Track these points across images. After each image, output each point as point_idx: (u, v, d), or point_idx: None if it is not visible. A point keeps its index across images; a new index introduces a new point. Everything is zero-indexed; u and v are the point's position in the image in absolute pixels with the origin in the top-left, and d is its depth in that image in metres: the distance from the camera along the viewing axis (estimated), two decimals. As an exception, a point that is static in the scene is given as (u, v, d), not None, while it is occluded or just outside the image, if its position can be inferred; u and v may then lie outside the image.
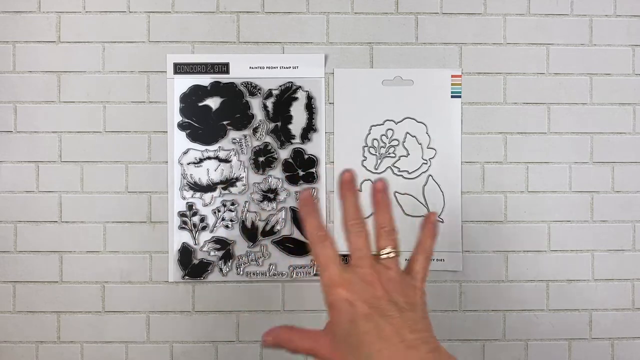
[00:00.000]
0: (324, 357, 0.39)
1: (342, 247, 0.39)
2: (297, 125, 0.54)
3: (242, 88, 0.54)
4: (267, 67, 0.54)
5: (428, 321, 0.39)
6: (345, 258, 0.39)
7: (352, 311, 0.37)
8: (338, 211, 0.55)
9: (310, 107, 0.54)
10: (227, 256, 0.54)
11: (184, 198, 0.54)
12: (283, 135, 0.54)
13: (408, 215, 0.55)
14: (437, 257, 0.55)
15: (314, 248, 0.40)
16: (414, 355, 0.36)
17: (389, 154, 0.55)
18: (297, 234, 0.54)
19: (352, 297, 0.38)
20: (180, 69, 0.54)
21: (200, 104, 0.54)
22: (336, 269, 0.39)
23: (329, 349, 0.39)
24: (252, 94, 0.54)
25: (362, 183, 0.55)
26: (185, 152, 0.54)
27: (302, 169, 0.54)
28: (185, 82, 0.54)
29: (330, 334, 0.38)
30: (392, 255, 0.40)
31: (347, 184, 0.41)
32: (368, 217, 0.41)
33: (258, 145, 0.54)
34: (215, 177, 0.54)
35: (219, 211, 0.54)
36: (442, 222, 0.55)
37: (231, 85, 0.54)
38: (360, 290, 0.38)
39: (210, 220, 0.54)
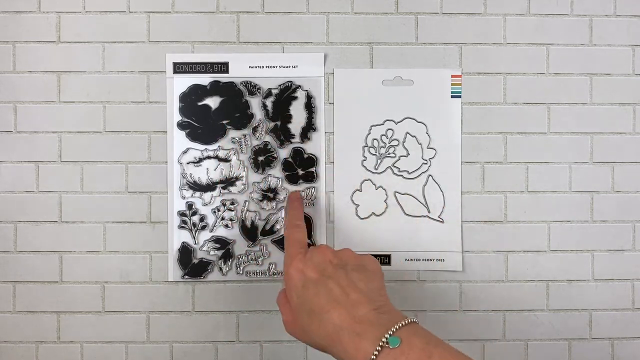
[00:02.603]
0: (288, 324, 0.44)
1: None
2: (296, 124, 0.54)
3: (241, 87, 0.54)
4: (266, 67, 0.54)
5: (379, 284, 0.42)
6: None
7: (304, 278, 0.42)
8: (334, 213, 0.55)
9: (309, 107, 0.54)
10: (227, 255, 0.54)
11: (183, 197, 0.54)
12: (283, 134, 0.54)
13: (408, 215, 0.55)
14: (437, 257, 0.55)
15: (285, 231, 0.48)
16: (358, 313, 0.38)
17: (389, 154, 0.55)
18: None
19: (304, 266, 0.42)
20: (180, 68, 0.54)
21: (200, 104, 0.54)
22: (297, 247, 0.45)
23: (290, 316, 0.43)
24: (251, 94, 0.54)
25: (362, 183, 0.55)
26: (184, 152, 0.54)
27: (302, 168, 0.54)
28: (185, 81, 0.54)
29: (291, 306, 0.43)
30: None
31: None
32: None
33: (257, 145, 0.54)
34: (215, 176, 0.54)
35: (218, 210, 0.54)
36: (442, 222, 0.55)
37: (231, 85, 0.54)
38: (312, 258, 0.43)
39: (210, 219, 0.54)
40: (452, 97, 0.55)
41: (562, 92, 0.55)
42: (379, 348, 0.35)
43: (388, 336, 0.36)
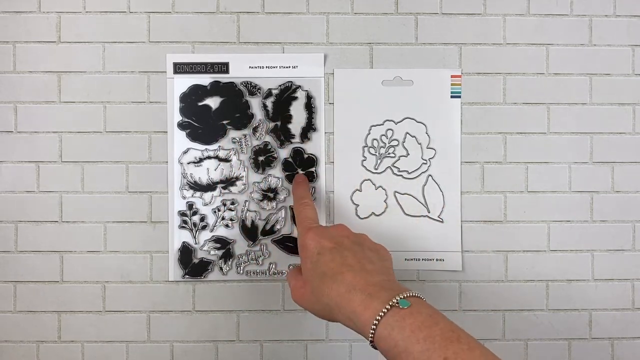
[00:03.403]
0: (297, 293, 0.45)
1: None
2: (296, 124, 0.54)
3: (241, 87, 0.54)
4: (266, 67, 0.54)
5: (390, 268, 0.44)
6: None
7: (320, 245, 0.43)
8: (334, 213, 0.55)
9: (309, 107, 0.54)
10: (227, 255, 0.54)
11: (184, 197, 0.54)
12: (283, 134, 0.54)
13: (408, 215, 0.55)
14: (437, 257, 0.55)
15: (296, 208, 0.49)
16: (372, 280, 0.40)
17: (389, 154, 0.55)
18: (297, 233, 0.54)
19: (321, 237, 0.44)
20: (180, 68, 0.54)
21: (200, 104, 0.54)
22: (312, 222, 0.46)
23: (301, 284, 0.44)
24: (251, 94, 0.54)
25: (362, 183, 0.55)
26: (185, 152, 0.54)
27: (302, 168, 0.54)
28: (185, 81, 0.54)
29: (302, 274, 0.44)
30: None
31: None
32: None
33: (258, 145, 0.54)
34: (215, 176, 0.54)
35: (219, 210, 0.54)
36: (442, 222, 0.55)
37: (231, 85, 0.54)
38: (329, 232, 0.44)
39: (210, 219, 0.54)
40: (451, 97, 0.55)
41: (562, 92, 0.55)
42: (388, 307, 0.36)
43: (399, 298, 0.37)
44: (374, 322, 0.36)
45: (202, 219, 0.54)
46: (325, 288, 0.41)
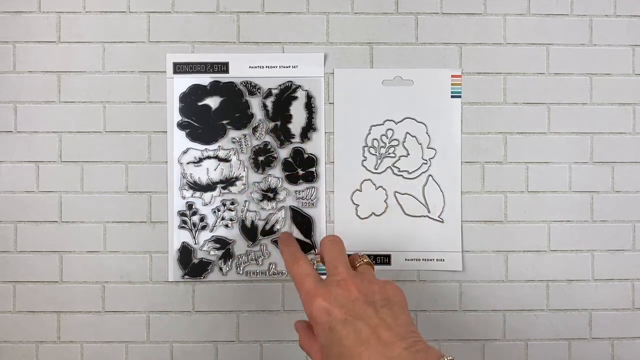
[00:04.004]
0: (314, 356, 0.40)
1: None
2: (296, 124, 0.54)
3: (241, 87, 0.54)
4: (266, 67, 0.54)
5: (408, 317, 0.39)
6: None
7: (330, 319, 0.38)
8: (334, 213, 0.55)
9: (309, 107, 0.54)
10: (227, 255, 0.54)
11: (183, 197, 0.54)
12: (283, 134, 0.54)
13: (408, 215, 0.55)
14: (437, 257, 0.55)
15: (289, 269, 0.43)
16: (391, 354, 0.35)
17: (389, 154, 0.55)
18: (296, 233, 0.54)
19: (329, 305, 0.38)
20: (180, 68, 0.54)
21: (200, 104, 0.54)
22: (312, 281, 0.40)
23: (319, 355, 0.40)
24: (251, 93, 0.54)
25: (362, 183, 0.55)
26: (184, 152, 0.54)
27: (302, 168, 0.54)
28: (185, 81, 0.54)
29: (319, 343, 0.39)
30: (364, 261, 0.43)
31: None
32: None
33: (258, 145, 0.54)
34: (215, 176, 0.54)
35: (218, 210, 0.54)
36: (442, 222, 0.55)
37: (231, 85, 0.54)
38: (337, 296, 0.39)
39: (210, 219, 0.54)
40: (452, 97, 0.55)
41: (562, 92, 0.55)
42: None
43: None
44: None
45: (202, 219, 0.54)
46: None
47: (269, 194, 0.54)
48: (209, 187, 0.54)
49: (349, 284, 0.40)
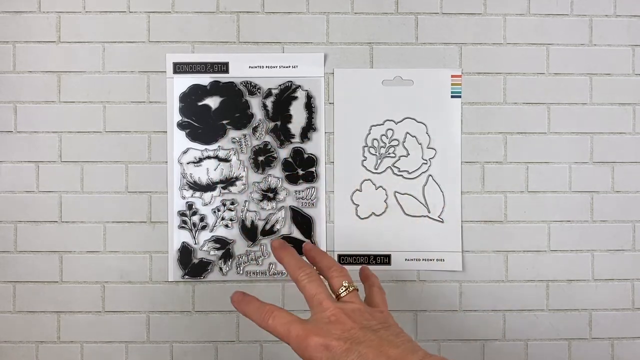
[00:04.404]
0: None
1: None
2: (296, 124, 0.54)
3: (241, 87, 0.54)
4: (266, 67, 0.54)
5: (407, 335, 0.38)
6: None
7: (331, 354, 0.36)
8: (334, 213, 0.55)
9: (309, 107, 0.54)
10: (227, 255, 0.54)
11: (183, 197, 0.54)
12: (283, 134, 0.54)
13: (408, 215, 0.55)
14: (437, 257, 0.55)
15: (265, 327, 0.40)
16: None
17: (389, 154, 0.55)
18: (296, 233, 0.54)
19: (325, 340, 0.36)
20: (180, 68, 0.54)
21: (200, 104, 0.54)
22: (298, 326, 0.38)
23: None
24: (251, 93, 0.54)
25: (362, 183, 0.55)
26: (184, 152, 0.54)
27: (302, 168, 0.54)
28: (185, 81, 0.54)
29: None
30: (350, 289, 0.40)
31: (278, 248, 0.43)
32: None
33: (257, 145, 0.54)
34: (215, 176, 0.54)
35: (218, 210, 0.54)
36: (442, 222, 0.55)
37: (231, 85, 0.54)
38: (331, 331, 0.37)
39: (210, 219, 0.54)
40: (452, 97, 0.55)
41: (562, 92, 0.55)
42: None
43: None
44: None
45: (202, 219, 0.54)
46: None
47: (269, 194, 0.54)
48: (209, 187, 0.54)
49: (340, 317, 0.38)
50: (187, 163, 0.54)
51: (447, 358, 0.36)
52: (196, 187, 0.54)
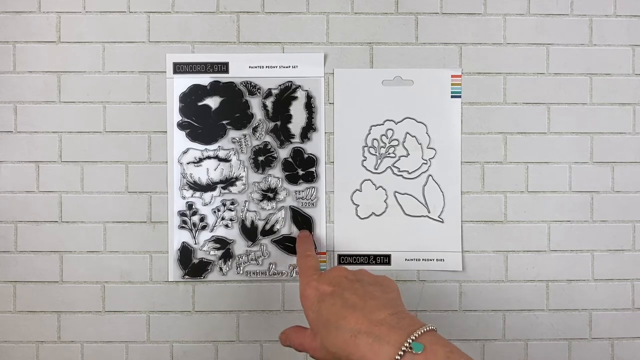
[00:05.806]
0: (309, 348, 0.42)
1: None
2: (296, 124, 0.54)
3: (241, 87, 0.54)
4: (266, 67, 0.54)
5: (397, 296, 0.42)
6: None
7: (319, 293, 0.41)
8: (334, 213, 0.55)
9: (309, 107, 0.54)
10: (227, 255, 0.54)
11: (183, 197, 0.54)
12: (283, 134, 0.54)
13: (408, 215, 0.55)
14: (437, 257, 0.55)
15: (298, 262, 0.48)
16: (376, 317, 0.37)
17: (389, 154, 0.55)
18: (296, 233, 0.54)
19: (318, 283, 0.42)
20: (180, 68, 0.54)
21: (200, 104, 0.54)
22: (312, 272, 0.45)
23: (310, 338, 0.42)
24: (251, 94, 0.54)
25: (362, 183, 0.55)
26: (184, 152, 0.54)
27: (302, 168, 0.54)
28: (185, 81, 0.54)
29: (310, 328, 0.42)
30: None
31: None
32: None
33: (258, 145, 0.54)
34: (215, 176, 0.54)
35: (218, 210, 0.54)
36: (442, 222, 0.55)
37: (231, 85, 0.54)
38: (327, 276, 0.43)
39: (210, 219, 0.54)
40: (452, 97, 0.55)
41: (562, 92, 0.55)
42: (402, 353, 0.34)
43: (411, 341, 0.34)
44: None
45: (202, 219, 0.54)
46: (330, 337, 0.38)
47: (269, 194, 0.54)
48: (209, 187, 0.54)
49: (341, 268, 0.44)
50: (187, 163, 0.54)
51: (420, 321, 0.37)
52: (196, 187, 0.54)
